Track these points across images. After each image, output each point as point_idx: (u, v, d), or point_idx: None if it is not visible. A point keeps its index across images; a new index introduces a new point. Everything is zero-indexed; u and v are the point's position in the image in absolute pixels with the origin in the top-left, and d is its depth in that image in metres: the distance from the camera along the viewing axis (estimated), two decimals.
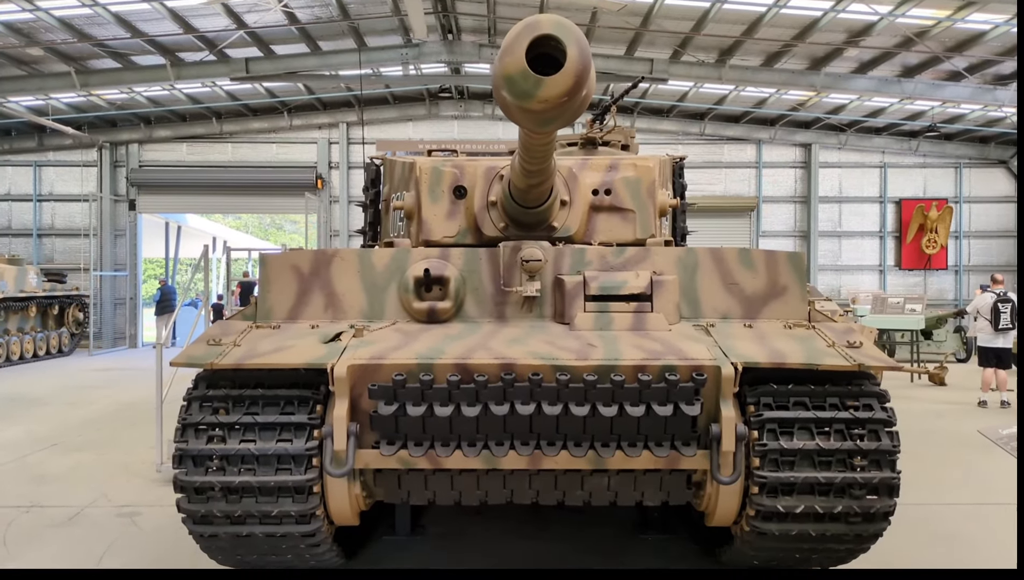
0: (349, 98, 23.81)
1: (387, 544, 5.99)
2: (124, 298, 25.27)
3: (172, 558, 5.70)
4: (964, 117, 23.01)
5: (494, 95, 3.49)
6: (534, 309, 5.16)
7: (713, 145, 25.40)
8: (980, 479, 8.18)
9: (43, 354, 21.04)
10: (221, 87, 21.83)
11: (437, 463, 4.51)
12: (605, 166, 5.88)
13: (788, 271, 5.23)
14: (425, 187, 5.74)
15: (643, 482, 4.72)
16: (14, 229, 25.04)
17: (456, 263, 5.20)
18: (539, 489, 4.76)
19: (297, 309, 5.17)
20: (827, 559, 4.97)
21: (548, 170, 4.73)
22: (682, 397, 4.31)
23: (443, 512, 6.63)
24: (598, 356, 4.42)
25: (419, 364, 4.38)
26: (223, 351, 4.51)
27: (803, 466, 4.37)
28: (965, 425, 11.04)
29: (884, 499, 4.41)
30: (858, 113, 23.49)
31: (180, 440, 4.42)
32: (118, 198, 24.94)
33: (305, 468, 4.40)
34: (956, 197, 25.55)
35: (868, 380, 4.57)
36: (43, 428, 10.92)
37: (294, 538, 4.61)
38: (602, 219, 5.80)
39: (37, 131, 24.16)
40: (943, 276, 25.83)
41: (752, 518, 4.49)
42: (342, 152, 24.74)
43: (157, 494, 7.38)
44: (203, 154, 24.99)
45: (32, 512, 6.94)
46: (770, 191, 25.52)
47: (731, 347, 4.54)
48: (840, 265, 25.77)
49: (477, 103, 24.87)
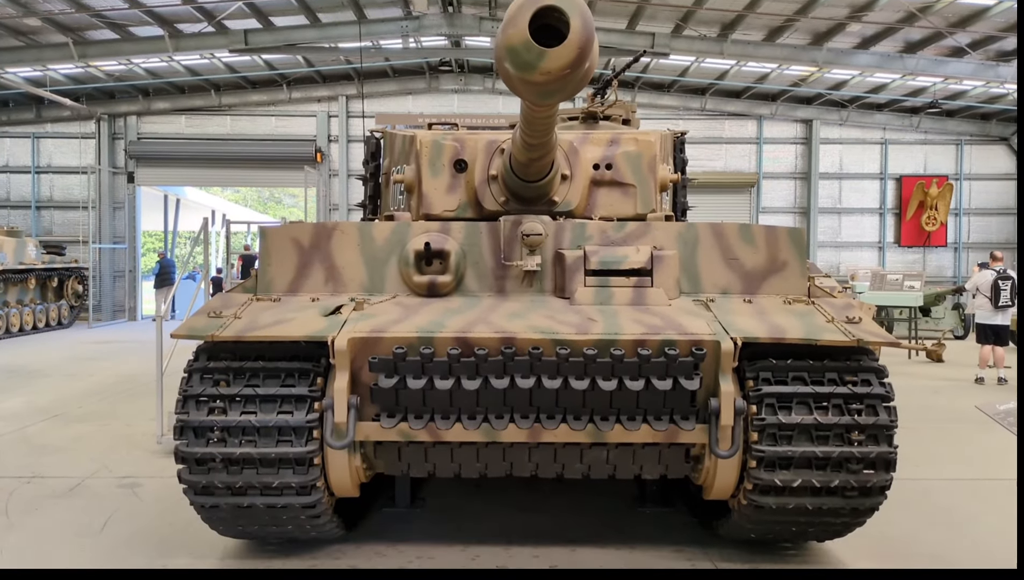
0: (349, 71, 23.68)
1: (387, 516, 6.03)
2: (123, 271, 25.25)
3: (174, 529, 5.73)
4: (966, 94, 22.91)
5: (496, 67, 3.48)
6: (534, 283, 5.17)
7: (714, 120, 25.32)
8: (977, 454, 8.23)
9: (42, 326, 21.07)
10: (220, 59, 21.70)
11: (437, 436, 4.54)
12: (606, 140, 5.86)
13: (788, 246, 5.23)
14: (425, 161, 5.73)
15: (642, 455, 4.75)
16: (12, 201, 24.97)
17: (456, 237, 5.21)
18: (538, 462, 4.80)
19: (297, 282, 5.17)
20: (823, 532, 5.02)
21: (549, 144, 4.73)
22: (681, 371, 4.33)
23: (443, 484, 6.67)
24: (598, 330, 4.44)
25: (419, 337, 4.40)
26: (224, 323, 4.52)
27: (801, 440, 4.41)
28: (962, 401, 11.09)
29: (881, 473, 4.45)
30: (860, 89, 23.40)
31: (181, 412, 4.45)
32: (116, 170, 24.86)
33: (306, 440, 4.43)
34: (957, 174, 25.50)
35: (867, 356, 4.60)
36: (43, 399, 10.95)
37: (295, 509, 4.65)
38: (603, 194, 5.79)
39: (35, 102, 24.04)
40: (942, 253, 25.83)
41: (750, 492, 4.53)
42: (341, 125, 24.64)
43: (158, 465, 7.41)
44: (202, 127, 24.89)
45: (33, 483, 6.97)
46: (770, 167, 25.46)
47: (731, 322, 4.56)
48: (839, 242, 25.76)
49: (477, 77, 24.73)
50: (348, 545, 5.41)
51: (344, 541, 5.44)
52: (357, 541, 5.49)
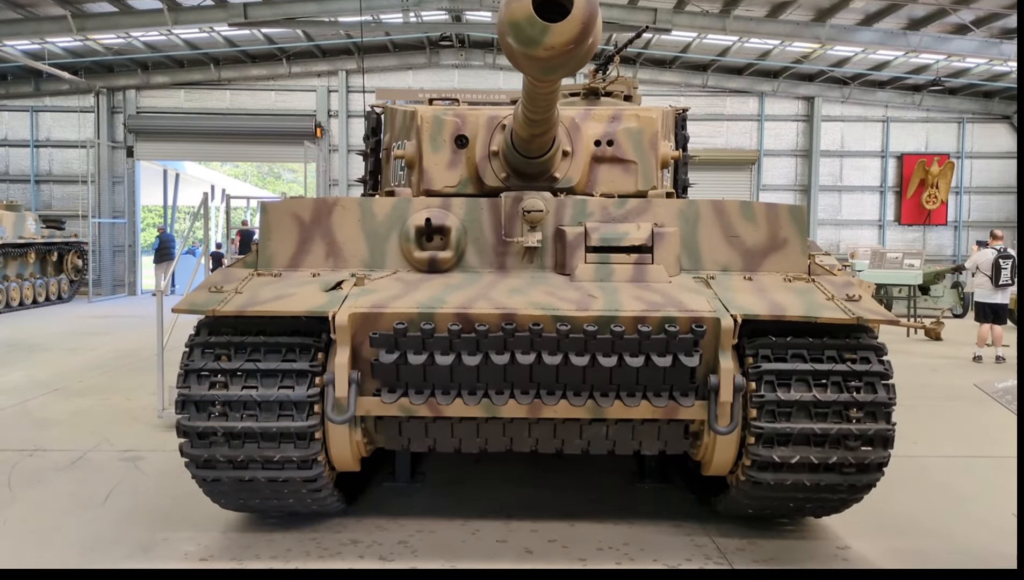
0: (349, 45, 23.54)
1: (387, 490, 6.06)
2: (123, 245, 25.24)
3: (175, 501, 5.77)
4: (968, 71, 22.81)
5: (499, 41, 3.47)
6: (535, 260, 5.18)
7: (715, 97, 25.21)
8: (975, 432, 8.27)
9: (42, 300, 21.09)
10: (219, 33, 21.57)
11: (438, 411, 4.57)
12: (608, 117, 5.84)
13: (789, 224, 5.23)
14: (426, 136, 5.72)
15: (641, 431, 4.78)
16: (12, 175, 24.91)
17: (457, 213, 5.20)
18: (538, 437, 4.82)
19: (298, 257, 5.18)
20: (821, 508, 5.05)
21: (551, 120, 4.71)
22: (681, 348, 4.35)
23: (443, 459, 6.71)
24: (598, 307, 4.45)
25: (420, 313, 4.41)
26: (225, 298, 4.53)
27: (799, 417, 4.43)
28: (960, 379, 11.14)
29: (879, 450, 4.47)
30: (862, 66, 23.28)
31: (183, 386, 4.47)
32: (116, 145, 24.78)
33: (307, 415, 4.46)
34: (958, 152, 25.42)
35: (866, 333, 4.62)
36: (44, 373, 10.99)
37: (296, 483, 4.69)
38: (604, 170, 5.78)
39: (34, 76, 23.92)
40: (942, 232, 25.81)
41: (748, 468, 4.56)
42: (341, 100, 24.53)
43: (159, 439, 7.45)
44: (201, 101, 24.78)
45: (35, 456, 7.01)
46: (772, 144, 25.39)
47: (731, 299, 4.57)
48: (840, 220, 25.72)
49: (478, 52, 24.59)
50: (349, 519, 5.45)
51: (345, 515, 5.48)
52: (358, 515, 5.53)
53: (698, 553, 4.99)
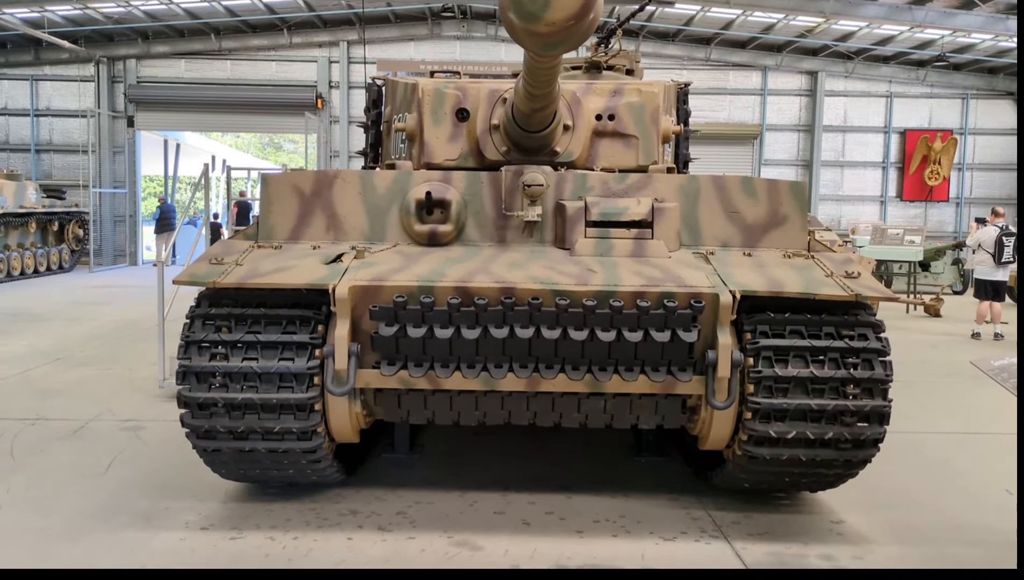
0: (350, 16, 23.38)
1: (386, 462, 6.11)
2: (124, 215, 25.24)
3: (176, 471, 5.82)
4: (974, 47, 22.69)
5: (500, 17, 3.45)
6: (535, 234, 5.19)
7: (718, 71, 25.08)
8: (971, 409, 8.31)
9: (43, 270, 21.11)
10: (220, 2, 21.45)
11: (437, 384, 4.60)
12: (609, 91, 5.83)
13: (789, 200, 5.23)
14: (427, 109, 5.70)
15: (639, 406, 4.81)
16: (12, 144, 24.85)
17: (458, 186, 5.20)
18: (536, 411, 4.85)
19: (299, 230, 5.18)
20: (816, 483, 5.10)
21: (552, 94, 4.70)
22: (680, 323, 4.37)
23: (442, 432, 6.75)
24: (597, 281, 4.46)
25: (420, 286, 4.42)
26: (225, 270, 4.55)
27: (796, 393, 4.45)
28: (958, 356, 11.16)
29: (874, 426, 4.50)
30: (866, 41, 23.15)
31: (184, 357, 4.49)
32: (116, 114, 24.70)
33: (307, 386, 4.48)
34: (962, 128, 25.34)
35: (864, 310, 4.63)
36: (46, 343, 11.03)
37: (296, 454, 4.72)
38: (605, 145, 5.77)
39: (33, 44, 23.80)
40: (944, 208, 25.78)
41: (744, 442, 4.59)
42: (342, 71, 24.42)
43: (160, 409, 7.49)
44: (202, 71, 24.67)
45: (38, 424, 7.06)
46: (774, 119, 25.30)
47: (729, 275, 4.58)
48: (841, 195, 25.69)
49: (480, 23, 24.44)
50: (348, 489, 5.50)
51: (344, 486, 5.53)
52: (357, 486, 5.58)
53: (694, 526, 5.03)
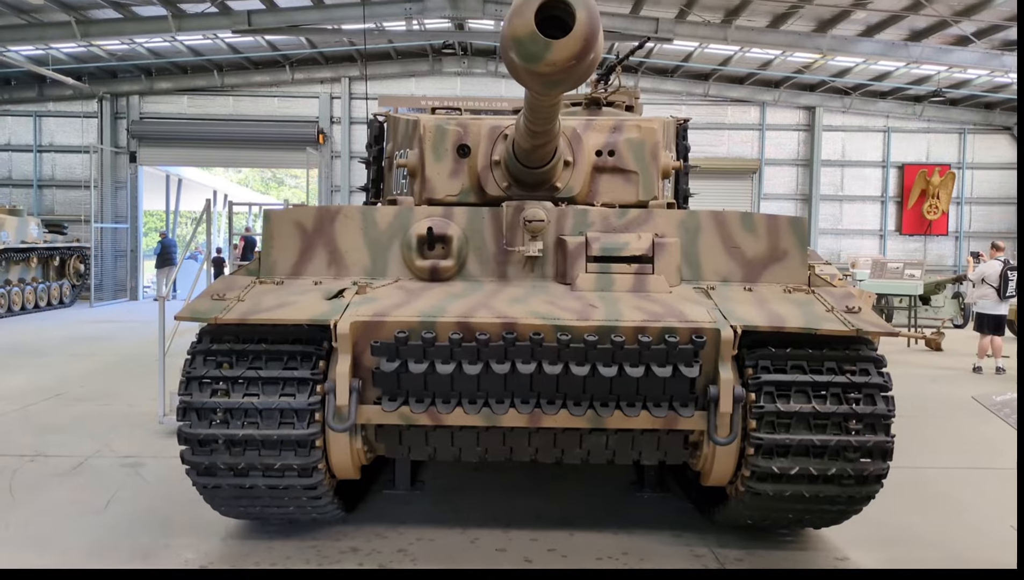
0: (352, 52, 23.60)
1: (387, 498, 6.08)
2: (125, 250, 25.27)
3: (176, 508, 5.78)
4: (970, 83, 22.86)
5: (502, 57, 3.49)
6: (536, 269, 5.20)
7: (717, 106, 25.26)
8: (974, 444, 8.26)
9: (44, 305, 21.10)
10: (223, 39, 21.63)
11: (438, 419, 4.58)
12: (609, 127, 5.88)
13: (789, 235, 5.25)
14: (429, 145, 5.75)
15: (641, 442, 4.79)
16: (15, 180, 24.96)
17: (459, 222, 5.23)
18: (538, 447, 4.83)
19: (300, 265, 5.20)
20: (820, 520, 5.06)
21: (553, 131, 4.74)
22: (681, 359, 4.36)
23: (443, 467, 6.72)
24: (599, 317, 4.46)
25: (421, 322, 4.43)
26: (227, 306, 4.55)
27: (799, 429, 4.44)
28: (960, 390, 11.12)
29: (877, 462, 4.48)
30: (863, 77, 23.33)
31: (184, 393, 4.48)
32: (119, 150, 24.83)
33: (307, 422, 4.47)
34: (959, 163, 25.46)
35: (865, 345, 4.63)
36: (45, 378, 11.00)
37: (296, 490, 4.70)
38: (605, 180, 5.81)
39: (37, 81, 23.97)
40: (943, 242, 25.83)
41: (747, 479, 4.57)
42: (344, 107, 24.60)
43: (160, 445, 7.46)
44: (204, 107, 24.84)
45: (37, 461, 7.02)
46: (773, 154, 25.43)
47: (731, 310, 4.58)
48: (841, 229, 25.75)
49: (480, 60, 24.66)
50: (348, 526, 5.46)
51: (345, 522, 5.50)
52: (357, 522, 5.54)
53: (697, 563, 5.00)
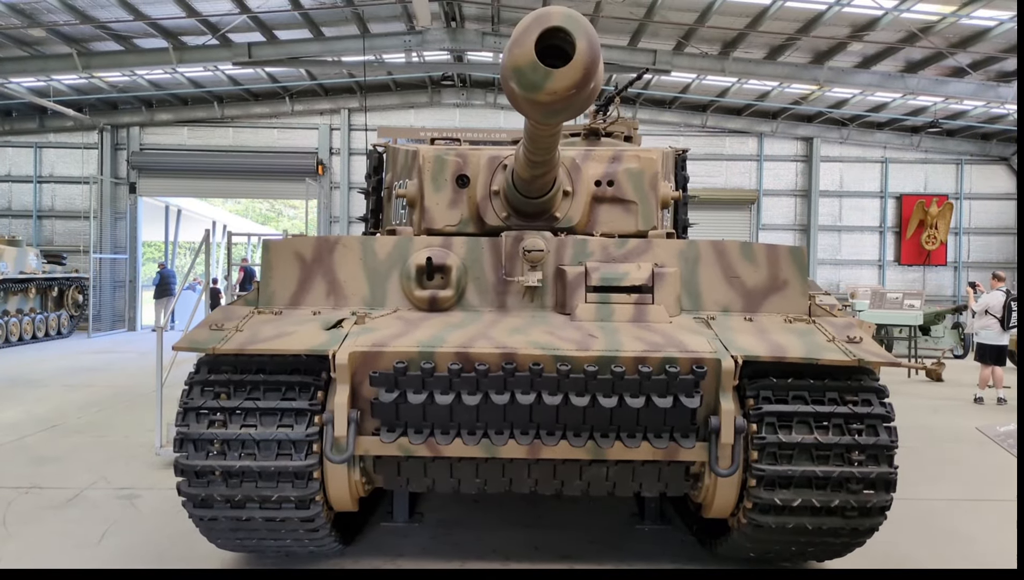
0: (351, 84, 23.74)
1: (385, 530, 6.01)
2: (123, 281, 25.24)
3: (171, 541, 5.72)
4: (966, 113, 22.99)
5: (502, 86, 3.50)
6: (535, 299, 5.19)
7: (714, 137, 25.37)
8: (977, 476, 8.21)
9: (42, 336, 21.03)
10: (223, 71, 21.77)
11: (437, 451, 4.54)
12: (608, 157, 5.89)
13: (789, 265, 5.25)
14: (428, 175, 5.75)
15: (641, 473, 4.75)
16: (14, 210, 24.98)
17: (458, 252, 5.22)
18: (538, 478, 4.79)
19: (299, 295, 5.19)
20: (823, 552, 5.01)
21: (552, 161, 4.75)
22: (682, 389, 4.33)
23: (442, 499, 6.66)
24: (599, 347, 4.44)
25: (420, 352, 4.40)
26: (225, 336, 4.53)
27: (801, 460, 4.40)
28: (962, 421, 11.08)
29: (881, 494, 4.44)
30: (860, 108, 23.46)
31: (181, 424, 4.45)
32: (118, 181, 24.89)
33: (305, 454, 4.43)
34: (957, 193, 25.54)
35: (867, 375, 4.60)
36: (42, 409, 10.94)
37: (293, 523, 4.65)
38: (604, 210, 5.81)
39: (38, 112, 24.09)
40: (942, 272, 25.84)
41: (749, 510, 4.52)
42: (343, 138, 24.69)
43: (156, 477, 7.39)
44: (204, 138, 24.93)
45: (31, 493, 6.96)
46: (771, 184, 25.51)
47: (731, 340, 4.56)
48: (839, 259, 25.77)
49: (479, 91, 24.80)
50: (346, 560, 5.40)
51: (342, 555, 5.43)
52: (355, 556, 5.48)
53: None
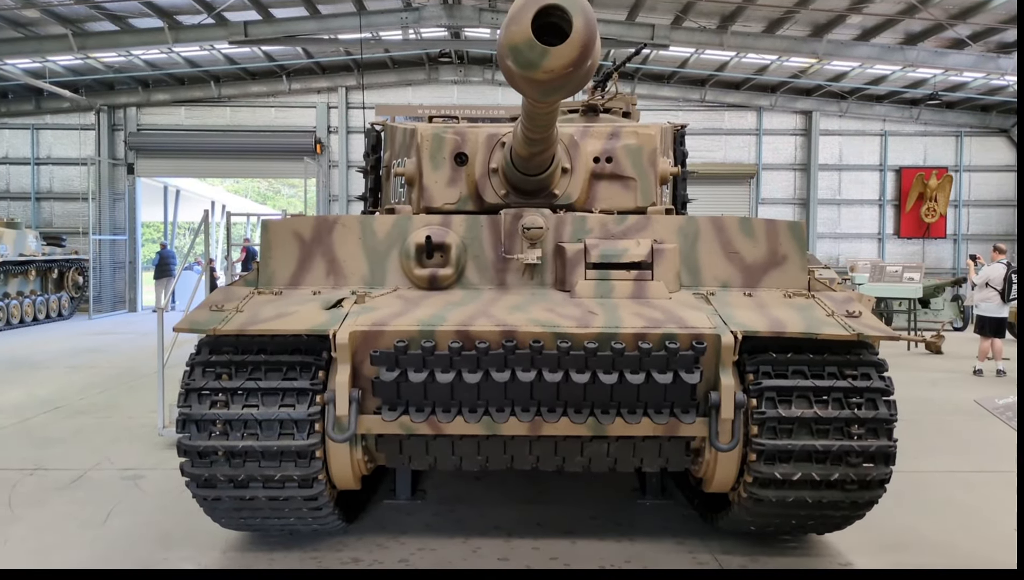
0: (348, 62, 23.64)
1: (388, 508, 6.05)
2: (123, 262, 25.24)
3: (176, 521, 5.76)
4: (966, 85, 22.89)
5: (499, 64, 3.49)
6: (535, 276, 5.19)
7: (713, 112, 25.28)
8: (977, 447, 8.25)
9: (43, 318, 21.06)
10: (219, 51, 21.65)
11: (438, 429, 4.56)
12: (607, 133, 5.87)
13: (788, 240, 5.25)
14: (426, 154, 5.74)
15: (642, 449, 4.77)
16: (12, 192, 24.94)
17: (457, 230, 5.22)
18: (539, 455, 4.81)
19: (299, 275, 5.19)
20: (823, 525, 5.04)
21: (551, 138, 4.74)
22: (682, 365, 4.34)
23: (443, 476, 6.70)
24: (599, 324, 4.45)
25: (421, 331, 4.41)
26: (226, 317, 4.54)
27: (801, 434, 4.42)
28: (961, 393, 11.12)
29: (880, 467, 4.47)
30: (859, 81, 23.36)
31: (184, 405, 4.47)
32: (116, 162, 24.83)
33: (307, 433, 4.45)
34: (956, 166, 25.48)
35: (866, 349, 4.61)
36: (44, 391, 10.98)
37: (296, 501, 4.68)
38: (603, 187, 5.80)
39: (34, 94, 23.97)
40: (941, 245, 25.83)
41: (750, 485, 4.55)
42: (341, 116, 24.61)
43: (159, 457, 7.43)
44: (201, 118, 24.84)
45: (36, 475, 7.00)
46: (770, 158, 25.44)
47: (731, 316, 4.57)
48: (839, 233, 25.75)
49: (477, 68, 24.68)
50: (349, 537, 5.44)
51: (346, 533, 5.47)
52: (358, 533, 5.52)
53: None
